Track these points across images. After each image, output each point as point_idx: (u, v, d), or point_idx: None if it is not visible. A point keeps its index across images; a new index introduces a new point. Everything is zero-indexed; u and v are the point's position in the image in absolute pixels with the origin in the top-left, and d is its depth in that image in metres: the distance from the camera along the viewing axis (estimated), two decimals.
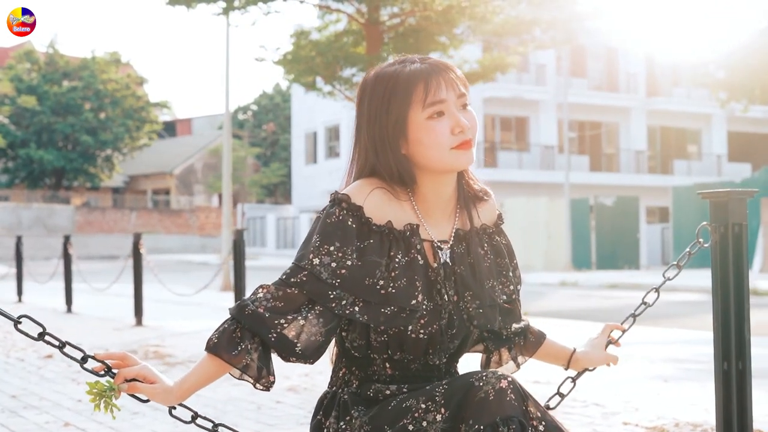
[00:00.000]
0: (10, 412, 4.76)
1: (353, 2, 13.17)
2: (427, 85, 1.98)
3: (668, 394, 5.25)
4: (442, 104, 1.99)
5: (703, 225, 2.54)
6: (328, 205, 2.03)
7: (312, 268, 1.96)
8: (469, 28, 13.78)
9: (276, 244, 43.97)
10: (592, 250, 28.13)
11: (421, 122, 1.99)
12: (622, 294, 17.28)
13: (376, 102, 2.03)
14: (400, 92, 1.99)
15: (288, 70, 14.06)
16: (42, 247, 39.00)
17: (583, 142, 39.84)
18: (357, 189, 2.03)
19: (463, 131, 1.99)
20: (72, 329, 9.46)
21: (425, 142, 1.99)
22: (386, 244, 2.01)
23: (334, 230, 1.98)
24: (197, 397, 5.18)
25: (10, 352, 7.43)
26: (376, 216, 2.01)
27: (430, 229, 2.08)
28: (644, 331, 9.29)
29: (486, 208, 2.19)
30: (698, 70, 25.41)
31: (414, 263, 2.02)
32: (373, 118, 2.03)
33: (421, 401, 1.92)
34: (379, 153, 2.04)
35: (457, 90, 2.02)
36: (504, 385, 1.85)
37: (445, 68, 2.03)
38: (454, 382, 1.92)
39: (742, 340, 2.54)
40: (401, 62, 2.05)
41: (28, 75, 50.01)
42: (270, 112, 60.65)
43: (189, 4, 13.34)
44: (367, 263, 1.98)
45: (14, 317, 2.00)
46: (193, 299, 12.97)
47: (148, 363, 6.67)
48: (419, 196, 2.08)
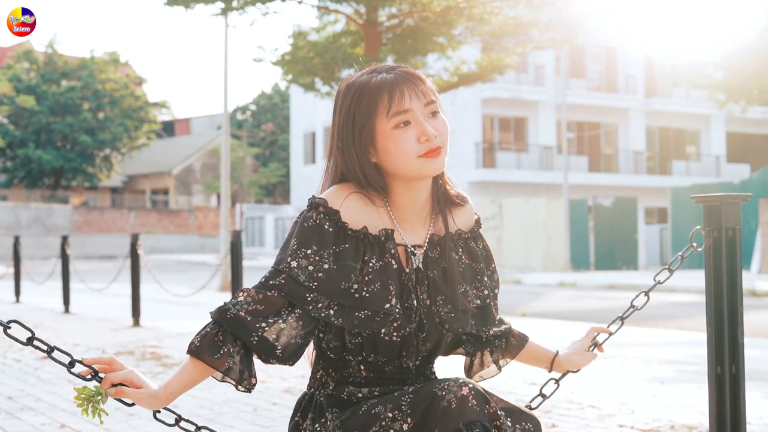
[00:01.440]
0: (6, 414, 4.76)
1: (351, 3, 13.17)
2: (391, 95, 2.01)
3: (664, 396, 5.25)
4: (407, 113, 2.02)
5: (696, 229, 2.54)
6: (306, 209, 2.06)
7: (290, 271, 1.99)
8: (468, 29, 13.79)
9: (274, 244, 43.97)
10: (591, 251, 28.13)
11: (387, 132, 2.03)
12: (620, 295, 17.28)
13: (344, 112, 2.07)
14: (365, 102, 2.03)
15: (286, 70, 14.07)
16: (40, 246, 39.00)
17: (582, 142, 39.83)
18: (333, 193, 2.06)
19: (429, 139, 2.01)
20: (69, 330, 9.45)
21: (392, 151, 2.02)
22: (361, 249, 2.04)
23: (311, 234, 2.01)
24: (193, 398, 5.19)
25: (7, 353, 7.43)
26: (352, 221, 2.05)
27: (404, 234, 2.11)
28: (640, 332, 9.30)
29: (462, 213, 2.21)
30: (697, 71, 25.44)
31: (388, 267, 2.05)
32: (342, 127, 2.07)
33: (389, 409, 1.96)
34: (347, 162, 2.07)
35: (425, 98, 2.04)
36: (465, 391, 1.89)
37: (412, 77, 2.05)
38: (420, 390, 1.96)
39: (736, 344, 2.54)
40: (371, 72, 2.08)
41: (27, 75, 50.01)
42: (269, 112, 60.66)
43: (187, 4, 13.35)
44: (342, 267, 2.01)
45: (4, 322, 2.00)
46: (190, 299, 12.97)
47: (144, 364, 6.68)
48: (394, 202, 2.11)
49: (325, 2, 13.60)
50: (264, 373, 6.18)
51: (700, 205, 2.60)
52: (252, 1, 13.46)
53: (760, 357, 6.92)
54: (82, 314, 11.45)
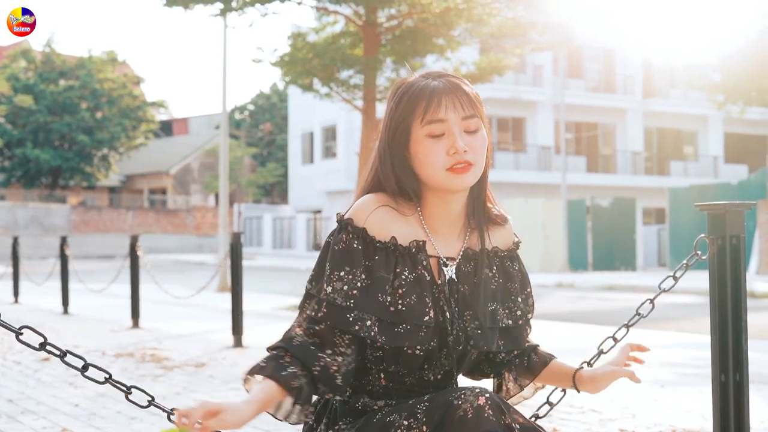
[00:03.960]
0: (7, 417, 4.76)
1: (351, 4, 13.16)
2: (429, 102, 2.01)
3: (665, 400, 5.26)
4: (441, 124, 2.01)
5: (701, 237, 2.55)
6: (335, 230, 2.06)
7: (328, 298, 2.00)
8: (467, 30, 13.77)
9: (272, 244, 43.95)
10: (589, 251, 28.15)
11: (420, 138, 2.03)
12: (619, 296, 17.28)
13: (388, 111, 2.09)
14: (404, 104, 2.05)
15: (285, 71, 14.05)
16: (38, 246, 38.96)
17: (580, 143, 39.87)
18: (359, 210, 2.05)
19: (457, 153, 2.00)
20: (68, 331, 9.45)
21: (421, 158, 2.03)
22: (392, 260, 2.03)
23: (342, 256, 2.01)
24: (194, 401, 5.18)
25: (7, 355, 7.42)
26: (380, 234, 2.04)
27: (437, 245, 2.09)
28: (639, 334, 9.30)
29: (501, 233, 2.19)
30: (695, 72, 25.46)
31: (422, 279, 2.04)
32: (386, 125, 2.09)
33: (404, 417, 1.94)
34: (384, 160, 2.08)
35: (463, 112, 2.02)
36: (482, 401, 1.87)
37: (456, 89, 2.04)
38: (435, 399, 1.94)
39: (740, 351, 2.55)
40: (424, 76, 2.08)
41: (25, 74, 49.96)
42: (267, 112, 60.65)
43: (186, 5, 13.33)
44: (376, 280, 2.01)
45: (15, 328, 2.01)
46: (189, 300, 12.96)
47: (145, 366, 6.68)
48: (427, 211, 2.10)
49: (324, 3, 13.59)
50: None
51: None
52: (251, 2, 13.44)
53: (759, 360, 6.92)
54: (81, 315, 11.44)
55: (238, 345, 7.95)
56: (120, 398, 5.27)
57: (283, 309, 12.81)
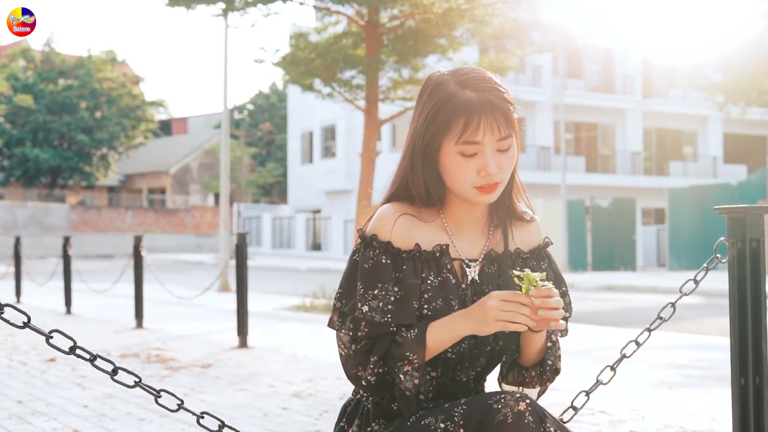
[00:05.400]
0: (18, 419, 4.75)
1: (353, 4, 13.16)
2: (467, 123, 1.98)
3: (673, 402, 5.26)
4: (475, 146, 2.00)
5: (720, 240, 2.55)
6: (361, 246, 2.08)
7: (365, 317, 2.02)
8: (469, 30, 13.77)
9: (272, 244, 43.94)
10: (588, 252, 28.17)
11: (452, 152, 2.01)
12: (619, 297, 17.29)
13: (424, 114, 2.05)
14: (441, 117, 2.01)
15: (287, 71, 14.04)
16: (37, 246, 38.93)
17: (579, 143, 39.90)
18: (382, 223, 2.07)
19: (488, 175, 2.00)
20: (72, 331, 9.43)
21: (450, 171, 2.03)
22: (419, 266, 2.05)
23: (373, 274, 2.04)
24: (202, 402, 5.19)
25: (12, 356, 7.41)
26: (404, 243, 2.06)
27: (460, 247, 2.10)
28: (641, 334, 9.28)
29: (526, 230, 2.19)
30: (695, 72, 25.45)
31: (447, 283, 2.06)
32: (415, 129, 2.07)
33: (440, 420, 1.94)
34: (415, 167, 2.07)
35: (500, 133, 2.00)
36: (522, 407, 1.87)
37: (496, 107, 2.00)
38: (473, 402, 1.94)
39: (760, 355, 2.55)
40: (462, 82, 2.02)
41: (24, 73, 49.95)
42: (266, 111, 60.64)
43: (189, 5, 13.33)
44: (407, 288, 2.03)
45: (46, 332, 2.02)
46: (191, 300, 12.95)
47: (150, 367, 6.69)
48: (449, 213, 2.11)
49: (326, 3, 13.58)
50: (271, 377, 6.19)
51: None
52: (253, 2, 13.43)
53: None
54: (84, 315, 11.44)
55: (243, 346, 7.95)
56: (129, 399, 5.27)
57: (285, 309, 12.81)
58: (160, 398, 2.16)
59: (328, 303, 12.99)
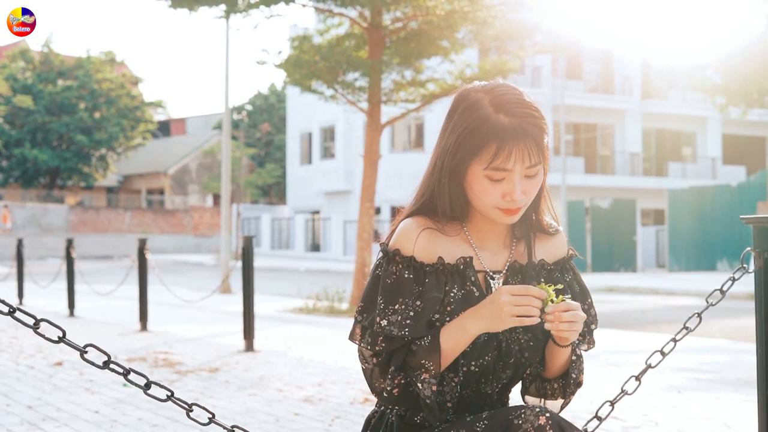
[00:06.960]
0: (29, 425, 4.74)
1: (356, 6, 13.15)
2: (498, 151, 1.96)
3: (684, 407, 5.26)
4: (504, 172, 1.98)
5: (747, 250, 2.55)
6: (384, 260, 2.07)
7: (383, 330, 2.02)
8: (471, 32, 13.77)
9: (271, 244, 43.92)
10: (588, 253, 28.16)
11: (479, 174, 2.00)
12: (619, 298, 17.29)
13: (455, 134, 2.02)
14: (473, 140, 1.99)
15: (290, 73, 14.03)
16: (36, 246, 38.89)
17: (579, 144, 39.89)
18: (405, 238, 2.06)
19: (513, 201, 2.00)
20: (76, 334, 9.41)
21: (476, 192, 2.02)
22: (442, 279, 2.05)
23: (394, 288, 2.03)
24: (214, 408, 5.17)
25: (19, 359, 7.39)
26: (427, 257, 2.06)
27: (484, 259, 2.10)
28: (645, 337, 9.29)
29: (550, 242, 2.18)
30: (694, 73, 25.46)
31: (470, 296, 2.05)
32: (447, 146, 2.04)
33: None
34: (442, 184, 2.06)
35: (529, 161, 1.98)
36: (543, 421, 1.87)
37: (529, 136, 1.97)
38: (495, 417, 1.94)
39: None
40: (497, 105, 2.00)
41: (23, 74, 49.92)
42: (265, 112, 60.62)
43: (191, 6, 13.32)
44: (427, 302, 2.03)
45: (80, 347, 2.02)
46: (192, 302, 12.93)
47: (158, 371, 6.67)
48: (473, 226, 2.11)
49: (329, 5, 13.57)
50: (280, 381, 6.18)
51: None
52: (256, 4, 13.42)
53: None
54: (87, 318, 11.41)
55: (249, 349, 7.93)
56: (140, 404, 5.26)
57: (287, 311, 12.80)
58: (191, 412, 2.15)
59: (330, 305, 12.98)
